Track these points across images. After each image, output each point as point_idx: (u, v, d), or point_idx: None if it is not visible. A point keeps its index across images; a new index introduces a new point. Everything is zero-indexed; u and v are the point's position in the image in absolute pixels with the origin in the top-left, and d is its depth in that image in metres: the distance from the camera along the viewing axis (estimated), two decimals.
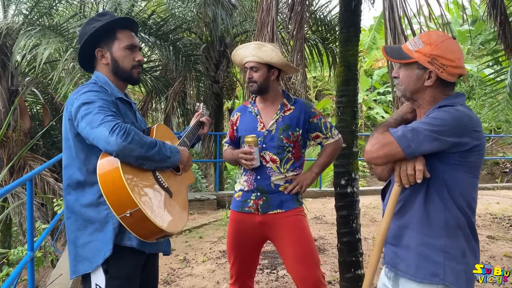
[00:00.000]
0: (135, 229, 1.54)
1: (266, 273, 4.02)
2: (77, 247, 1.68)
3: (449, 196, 1.45)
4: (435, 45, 1.46)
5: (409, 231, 1.51)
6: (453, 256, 1.45)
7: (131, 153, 1.52)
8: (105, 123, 1.51)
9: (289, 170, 2.29)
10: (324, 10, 7.43)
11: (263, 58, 2.24)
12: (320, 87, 15.85)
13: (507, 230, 5.69)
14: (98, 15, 1.81)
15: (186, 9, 8.09)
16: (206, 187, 11.16)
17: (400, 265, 1.53)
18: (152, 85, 7.78)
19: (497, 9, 4.01)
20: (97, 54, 1.76)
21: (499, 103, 6.81)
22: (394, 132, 1.42)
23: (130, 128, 1.53)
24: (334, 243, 4.72)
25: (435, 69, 1.45)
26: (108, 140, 1.49)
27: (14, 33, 6.67)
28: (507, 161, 12.35)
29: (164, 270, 4.09)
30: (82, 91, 1.66)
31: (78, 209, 1.67)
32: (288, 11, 3.47)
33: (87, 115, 1.56)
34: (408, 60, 1.49)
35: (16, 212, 5.90)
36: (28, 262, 2.61)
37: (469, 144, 1.41)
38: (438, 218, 1.46)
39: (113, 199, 1.51)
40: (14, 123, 6.55)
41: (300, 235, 2.26)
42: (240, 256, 2.35)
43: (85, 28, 1.78)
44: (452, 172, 1.44)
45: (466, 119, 1.41)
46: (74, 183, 1.67)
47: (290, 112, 2.30)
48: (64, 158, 1.71)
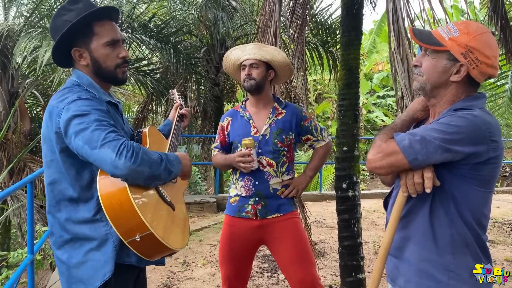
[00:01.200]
0: (142, 251, 1.42)
1: (267, 276, 4.00)
2: (70, 268, 1.50)
3: (455, 211, 1.30)
4: (474, 36, 1.26)
5: (411, 245, 1.37)
6: (459, 275, 1.30)
7: (141, 175, 1.36)
8: (109, 143, 1.33)
9: (284, 173, 2.31)
10: (324, 13, 7.45)
11: (265, 56, 2.24)
12: (320, 90, 15.87)
13: (507, 234, 5.68)
14: (69, 2, 1.53)
15: (187, 12, 8.10)
16: (205, 189, 11.14)
17: (399, 280, 1.41)
18: (153, 87, 7.77)
19: (498, 14, 4.02)
20: (73, 54, 1.53)
21: (499, 107, 6.83)
22: (400, 141, 1.26)
23: (136, 147, 1.36)
24: (335, 247, 4.70)
25: (467, 63, 1.26)
26: (116, 164, 1.31)
27: (15, 35, 6.66)
28: (507, 165, 12.35)
29: (164, 273, 4.07)
30: (70, 99, 1.43)
31: (71, 227, 1.49)
32: (289, 14, 3.46)
33: (83, 132, 1.35)
34: (439, 48, 1.29)
35: (15, 214, 5.87)
36: (28, 265, 2.60)
37: (484, 156, 1.24)
38: (443, 233, 1.31)
39: (120, 223, 1.37)
40: (14, 125, 6.53)
41: (296, 237, 2.27)
42: (234, 262, 2.33)
43: (55, 21, 1.52)
44: (461, 186, 1.28)
45: (484, 126, 1.23)
46: (66, 199, 1.49)
47: (282, 116, 2.32)
48: (50, 173, 1.51)
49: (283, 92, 3.36)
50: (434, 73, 1.32)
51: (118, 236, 1.41)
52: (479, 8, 6.42)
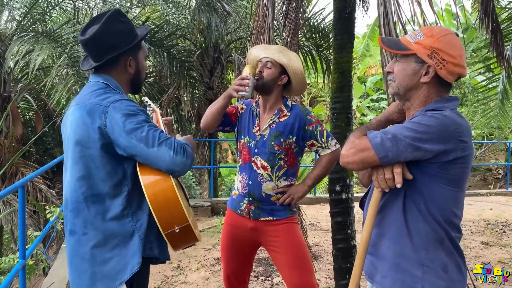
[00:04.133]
0: (174, 242, 1.55)
1: (261, 280, 3.99)
2: (95, 265, 1.54)
3: (425, 208, 1.33)
4: (437, 38, 1.33)
5: (386, 241, 1.40)
6: (433, 270, 1.33)
7: (187, 168, 1.54)
8: (165, 141, 1.49)
9: (281, 178, 2.23)
10: (318, 17, 7.48)
11: (281, 59, 2.19)
12: (314, 93, 15.92)
13: (500, 236, 5.72)
14: (118, 14, 1.63)
15: (180, 16, 8.11)
16: (200, 193, 11.11)
17: (376, 276, 1.43)
18: (146, 91, 7.76)
19: (489, 17, 4.05)
20: (125, 62, 1.65)
21: (491, 110, 6.87)
22: (372, 138, 1.31)
23: (184, 144, 1.54)
24: (329, 250, 4.71)
25: (434, 64, 1.32)
26: (174, 160, 1.48)
27: (7, 39, 6.64)
28: (500, 167, 12.44)
29: (157, 278, 4.05)
30: (114, 98, 1.53)
31: (99, 224, 1.54)
32: (282, 18, 3.48)
33: (136, 131, 1.48)
34: (406, 52, 1.36)
35: (7, 220, 5.83)
36: (20, 270, 2.57)
37: (452, 154, 1.28)
38: (416, 229, 1.34)
39: (164, 215, 1.49)
40: (6, 130, 6.50)
41: (293, 241, 2.24)
42: (234, 260, 2.34)
43: (108, 27, 1.58)
44: (429, 184, 1.32)
45: (453, 126, 1.28)
46: (94, 194, 1.54)
47: (285, 118, 2.25)
48: (79, 168, 1.56)
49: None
50: (405, 76, 1.38)
51: (144, 229, 1.54)
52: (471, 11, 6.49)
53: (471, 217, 6.62)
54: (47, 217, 4.46)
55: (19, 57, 6.78)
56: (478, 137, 12.84)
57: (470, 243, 5.25)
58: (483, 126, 11.00)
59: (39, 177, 6.15)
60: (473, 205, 7.56)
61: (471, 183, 12.53)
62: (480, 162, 12.73)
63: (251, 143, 2.26)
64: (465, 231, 5.80)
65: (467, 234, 5.68)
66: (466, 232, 5.77)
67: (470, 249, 4.99)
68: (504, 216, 6.82)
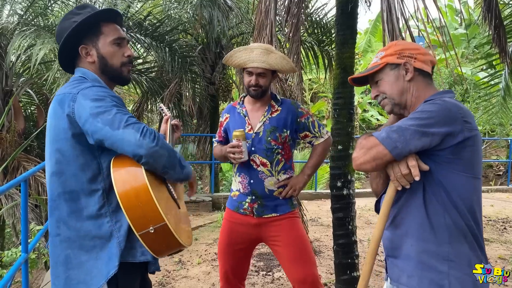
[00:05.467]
0: (153, 245, 1.41)
1: (262, 275, 4.01)
2: (68, 269, 1.45)
3: (447, 199, 1.33)
4: (394, 44, 1.50)
5: (408, 239, 1.38)
6: (458, 265, 1.32)
7: (160, 159, 1.40)
8: (132, 124, 1.38)
9: (280, 172, 2.28)
10: (320, 12, 7.45)
11: (273, 66, 2.22)
12: (315, 89, 15.88)
13: (501, 232, 5.73)
14: (77, 8, 1.60)
15: (182, 11, 8.08)
16: (201, 189, 11.13)
17: (402, 278, 1.40)
18: (148, 86, 7.75)
19: (492, 13, 4.03)
20: (80, 51, 1.56)
21: (493, 106, 6.86)
22: (378, 135, 1.34)
23: (157, 132, 1.42)
24: (330, 245, 4.72)
25: (407, 60, 1.43)
26: (141, 143, 1.36)
27: (8, 34, 6.63)
28: (501, 164, 12.43)
29: (159, 272, 4.06)
30: (84, 86, 1.46)
31: (73, 223, 1.45)
32: (284, 13, 3.47)
33: (103, 114, 1.38)
34: (378, 67, 1.47)
35: (9, 214, 5.85)
36: (22, 264, 2.59)
37: (459, 135, 1.29)
38: (439, 223, 1.33)
39: (135, 214, 1.36)
40: (8, 124, 6.50)
41: (294, 235, 2.26)
42: (232, 257, 2.34)
43: (64, 23, 1.57)
44: (446, 173, 1.32)
45: (455, 108, 1.31)
46: (67, 192, 1.46)
47: (277, 113, 2.30)
48: (52, 164, 1.49)
49: (279, 91, 3.37)
50: (392, 86, 1.46)
51: (124, 233, 1.43)
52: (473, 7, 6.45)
53: None
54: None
55: (21, 51, 6.77)
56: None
57: None
58: (484, 123, 10.97)
59: (41, 171, 6.14)
60: None
61: None
62: None
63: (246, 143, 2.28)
64: None
65: None
66: None
67: None
68: (505, 213, 6.82)
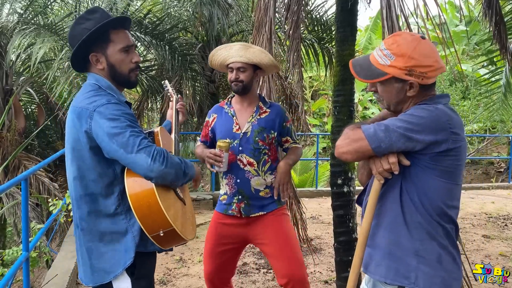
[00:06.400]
0: (162, 243, 1.61)
1: (263, 272, 4.01)
2: (92, 258, 1.64)
3: (418, 199, 1.35)
4: (408, 55, 1.33)
5: (381, 230, 1.42)
6: (427, 260, 1.35)
7: (168, 177, 1.55)
8: (144, 149, 1.50)
9: (267, 173, 2.30)
10: (320, 10, 7.43)
11: (252, 59, 2.24)
12: (316, 87, 15.87)
13: (502, 229, 5.72)
14: (87, 12, 1.68)
15: (182, 9, 8.07)
16: (202, 187, 11.14)
17: (370, 266, 1.45)
18: (148, 84, 7.75)
19: (492, 9, 4.02)
20: (91, 59, 1.65)
21: (494, 103, 6.85)
22: (366, 129, 1.34)
23: (165, 152, 1.54)
24: (330, 243, 4.72)
25: (415, 79, 1.34)
26: (152, 168, 1.49)
27: (8, 32, 6.63)
28: (502, 161, 12.42)
29: (160, 270, 4.08)
30: (100, 102, 1.55)
31: (93, 221, 1.62)
32: (284, 10, 3.46)
33: (118, 136, 1.50)
34: (383, 78, 1.38)
35: (10, 212, 5.86)
36: (23, 263, 2.59)
37: (443, 145, 1.30)
38: (411, 219, 1.37)
39: (147, 221, 1.54)
40: (8, 123, 6.50)
41: (280, 232, 2.28)
42: (219, 258, 2.36)
43: (75, 29, 1.66)
44: (422, 176, 1.34)
45: (444, 117, 1.31)
46: (87, 194, 1.61)
47: (266, 114, 2.33)
48: (74, 169, 1.63)
49: (279, 88, 3.37)
50: (391, 96, 1.42)
51: (137, 228, 1.59)
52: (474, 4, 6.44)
53: (472, 211, 6.63)
54: (50, 209, 4.48)
55: (21, 50, 6.77)
56: (480, 130, 12.81)
57: (471, 236, 5.26)
58: (485, 120, 10.96)
59: (42, 170, 6.16)
60: (474, 198, 7.56)
61: (473, 177, 12.52)
62: (482, 156, 12.71)
63: (233, 143, 2.28)
64: (466, 225, 5.81)
65: (469, 227, 5.69)
66: (467, 226, 5.78)
67: (471, 242, 5.00)
68: (506, 210, 6.82)
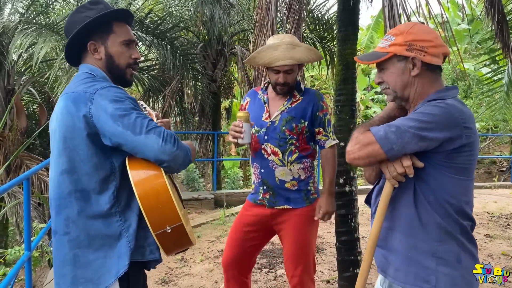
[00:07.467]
0: (166, 244, 1.42)
1: (265, 272, 4.01)
2: (76, 268, 1.43)
3: (435, 199, 1.33)
4: (406, 32, 1.36)
5: (397, 234, 1.40)
6: (446, 261, 1.33)
7: (178, 160, 1.41)
8: (153, 129, 1.38)
9: (293, 163, 2.21)
10: (321, 9, 7.44)
11: (301, 60, 2.17)
12: (317, 86, 15.85)
13: (504, 228, 5.71)
14: (90, 2, 1.58)
15: (183, 8, 8.08)
16: (203, 186, 11.14)
17: (389, 270, 1.43)
18: (149, 84, 7.75)
19: (495, 8, 4.00)
20: (89, 47, 1.54)
21: (496, 102, 6.83)
22: (376, 132, 1.30)
23: (175, 135, 1.43)
24: (332, 242, 4.72)
25: (416, 54, 1.34)
26: (163, 149, 1.37)
27: (10, 32, 6.63)
28: (504, 160, 12.39)
29: (162, 269, 4.08)
30: (100, 85, 1.43)
31: (82, 222, 1.43)
32: (286, 9, 3.45)
33: (123, 118, 1.37)
34: (385, 57, 1.38)
35: (12, 212, 5.87)
36: (25, 262, 2.59)
37: (457, 142, 1.28)
38: (428, 221, 1.34)
39: (155, 215, 1.37)
40: (10, 123, 6.51)
41: (300, 236, 2.24)
42: (241, 244, 2.31)
43: (74, 16, 1.56)
44: (437, 175, 1.32)
45: (457, 113, 1.28)
46: (78, 190, 1.43)
47: (297, 102, 2.23)
48: (62, 162, 1.45)
49: None
50: (396, 78, 1.39)
51: (133, 233, 1.43)
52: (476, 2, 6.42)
53: (475, 210, 6.57)
54: None
55: (23, 50, 6.77)
56: (482, 129, 12.77)
57: (473, 236, 5.24)
58: (487, 119, 10.93)
59: (44, 170, 6.16)
60: (477, 197, 7.55)
61: (475, 176, 12.48)
62: (484, 155, 12.68)
63: (260, 132, 2.24)
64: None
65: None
66: None
67: None
68: (508, 209, 6.80)
